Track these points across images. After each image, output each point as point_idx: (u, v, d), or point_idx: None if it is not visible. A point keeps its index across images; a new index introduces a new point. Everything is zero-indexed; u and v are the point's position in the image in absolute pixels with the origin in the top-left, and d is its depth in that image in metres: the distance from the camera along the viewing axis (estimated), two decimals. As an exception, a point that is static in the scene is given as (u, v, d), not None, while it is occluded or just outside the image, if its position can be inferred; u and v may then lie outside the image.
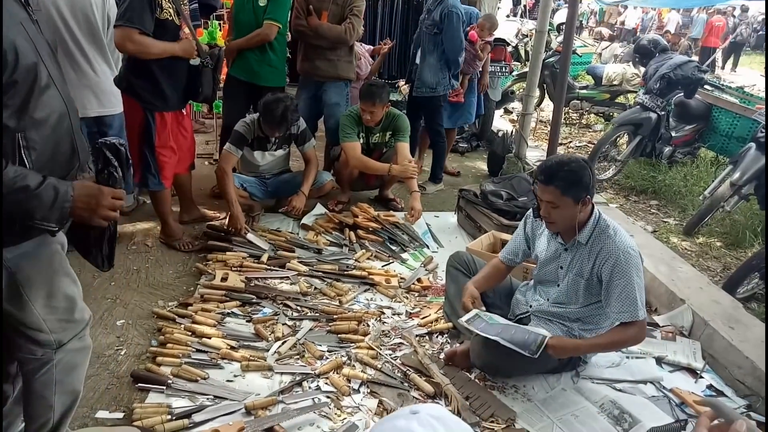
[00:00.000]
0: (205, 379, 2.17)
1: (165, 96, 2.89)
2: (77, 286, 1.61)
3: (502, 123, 6.43)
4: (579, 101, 7.17)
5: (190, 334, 2.41)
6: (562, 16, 11.52)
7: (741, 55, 15.50)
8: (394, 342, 2.50)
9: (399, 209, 4.00)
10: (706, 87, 5.66)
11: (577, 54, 8.51)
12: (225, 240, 3.24)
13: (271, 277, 2.95)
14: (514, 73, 6.64)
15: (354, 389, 2.18)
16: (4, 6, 1.23)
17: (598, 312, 2.22)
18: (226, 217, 3.46)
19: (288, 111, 3.31)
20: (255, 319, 2.58)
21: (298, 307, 2.71)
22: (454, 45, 4.08)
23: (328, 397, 2.13)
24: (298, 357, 2.37)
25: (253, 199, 3.65)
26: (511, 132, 5.18)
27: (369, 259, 3.27)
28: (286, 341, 2.43)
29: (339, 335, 2.50)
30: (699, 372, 2.41)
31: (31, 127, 1.30)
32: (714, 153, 5.72)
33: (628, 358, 2.46)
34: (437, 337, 2.57)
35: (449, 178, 4.77)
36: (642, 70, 6.43)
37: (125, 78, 2.86)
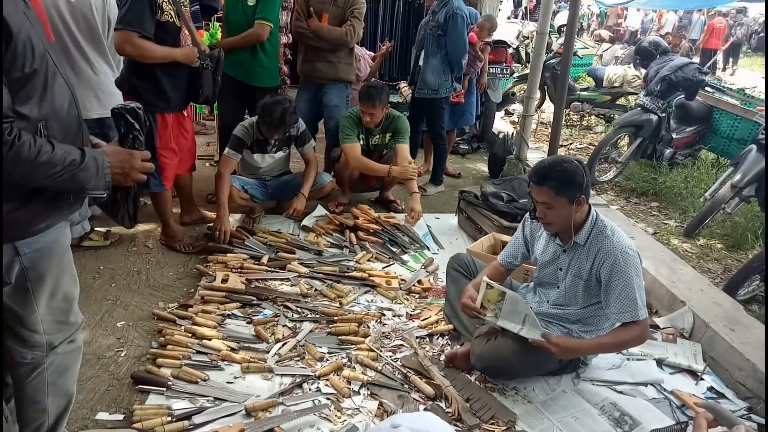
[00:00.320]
0: (205, 380, 2.17)
1: (167, 97, 2.90)
2: (77, 288, 1.60)
3: (502, 125, 6.43)
4: (580, 103, 7.18)
5: (191, 335, 2.41)
6: (563, 18, 11.54)
7: (740, 57, 15.50)
8: (395, 344, 2.50)
9: (399, 211, 4.00)
10: (707, 89, 5.66)
11: (578, 56, 8.54)
12: (217, 249, 3.19)
13: (271, 279, 2.95)
14: (515, 74, 6.64)
15: (354, 391, 2.18)
16: None
17: (598, 313, 2.22)
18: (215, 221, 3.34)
19: (286, 113, 3.31)
20: (255, 320, 2.59)
21: (299, 309, 2.71)
22: (458, 47, 4.09)
23: (329, 398, 2.13)
24: (299, 359, 2.36)
25: (254, 201, 3.66)
26: (512, 134, 5.18)
27: (369, 260, 3.27)
28: (286, 343, 2.43)
29: (339, 337, 2.50)
30: (700, 374, 2.41)
31: (51, 115, 1.33)
32: (715, 155, 5.72)
33: (628, 360, 2.46)
34: (438, 338, 2.57)
35: (450, 180, 4.77)
36: (643, 72, 6.45)
37: (127, 79, 2.86)
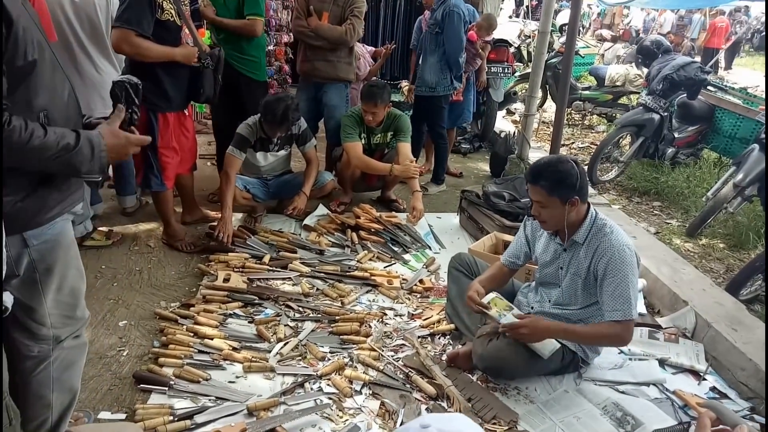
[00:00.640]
0: (207, 380, 2.17)
1: (168, 96, 2.90)
2: (84, 283, 1.61)
3: (504, 124, 6.43)
4: (582, 102, 7.16)
5: (192, 335, 2.41)
6: (564, 17, 11.52)
7: (738, 55, 15.48)
8: (396, 343, 2.50)
9: (401, 210, 4.00)
10: (709, 88, 5.64)
11: (580, 55, 8.51)
12: (219, 248, 3.17)
13: (273, 278, 2.95)
14: (517, 74, 6.64)
15: (356, 391, 2.18)
16: None
17: (599, 314, 2.21)
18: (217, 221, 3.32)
19: (289, 110, 3.32)
20: (257, 320, 2.58)
21: (300, 308, 2.71)
22: (454, 44, 4.08)
23: (330, 398, 2.12)
24: (300, 358, 2.36)
25: (255, 200, 3.66)
26: (514, 133, 5.18)
27: (371, 260, 3.27)
28: (288, 342, 2.43)
29: (341, 336, 2.50)
30: (702, 374, 2.40)
31: (52, 105, 1.34)
32: (717, 154, 5.70)
33: (630, 359, 2.45)
34: (439, 338, 2.57)
35: (451, 179, 4.77)
36: (645, 71, 6.43)
37: (128, 79, 2.86)
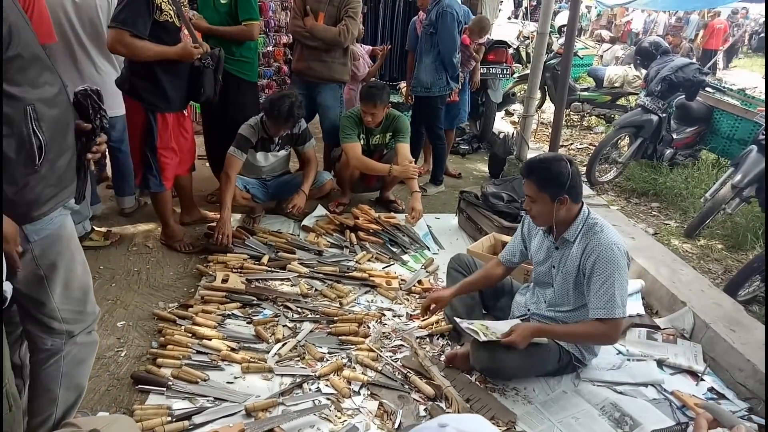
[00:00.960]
0: (205, 380, 2.17)
1: (167, 97, 2.90)
2: (90, 278, 1.63)
3: (503, 125, 6.43)
4: (580, 103, 7.17)
5: (191, 335, 2.41)
6: (563, 19, 11.54)
7: (736, 56, 15.53)
8: (395, 344, 2.50)
9: (400, 211, 4.00)
10: (708, 89, 5.66)
11: (579, 56, 8.53)
12: (217, 249, 3.17)
13: (271, 279, 2.95)
14: (516, 75, 6.64)
15: (354, 391, 2.18)
16: None
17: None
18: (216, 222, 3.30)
19: (294, 107, 3.33)
20: (255, 320, 2.58)
21: (299, 309, 2.71)
22: (448, 45, 4.08)
23: (329, 399, 2.12)
24: (299, 359, 2.36)
25: (255, 200, 3.66)
26: (512, 134, 5.18)
27: (370, 260, 3.27)
28: (286, 343, 2.43)
29: (339, 337, 2.50)
30: (700, 375, 2.41)
31: (42, 102, 1.34)
32: (715, 155, 5.71)
33: (629, 360, 2.46)
34: (438, 339, 2.57)
35: (450, 180, 4.77)
36: (643, 72, 6.45)
37: (127, 79, 2.85)
